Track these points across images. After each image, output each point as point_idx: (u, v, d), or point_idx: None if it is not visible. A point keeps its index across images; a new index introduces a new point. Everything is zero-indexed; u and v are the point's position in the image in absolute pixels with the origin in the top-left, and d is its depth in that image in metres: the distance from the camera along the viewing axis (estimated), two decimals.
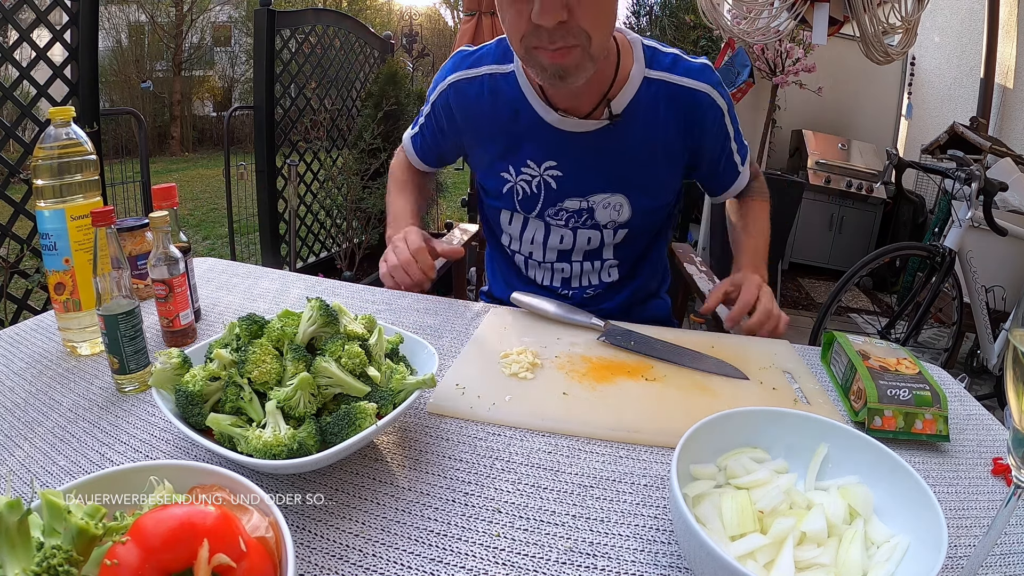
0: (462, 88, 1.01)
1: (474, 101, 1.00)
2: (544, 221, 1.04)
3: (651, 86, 0.95)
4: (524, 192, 1.02)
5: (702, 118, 0.97)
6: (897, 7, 2.01)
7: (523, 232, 1.08)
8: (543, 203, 1.02)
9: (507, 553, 0.50)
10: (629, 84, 0.95)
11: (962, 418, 0.74)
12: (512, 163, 1.01)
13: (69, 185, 0.73)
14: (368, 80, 3.74)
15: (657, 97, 0.95)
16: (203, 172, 7.66)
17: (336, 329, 0.63)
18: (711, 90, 0.97)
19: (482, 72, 0.99)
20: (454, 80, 1.01)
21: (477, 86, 1.00)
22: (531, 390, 0.72)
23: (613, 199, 1.00)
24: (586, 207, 1.01)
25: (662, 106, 0.96)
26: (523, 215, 1.06)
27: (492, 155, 1.03)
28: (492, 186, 1.07)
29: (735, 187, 1.10)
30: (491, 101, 0.99)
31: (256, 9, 2.91)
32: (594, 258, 1.07)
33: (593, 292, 1.09)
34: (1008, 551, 0.54)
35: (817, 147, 3.95)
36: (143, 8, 9.30)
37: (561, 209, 1.01)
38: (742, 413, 0.57)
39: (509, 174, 1.02)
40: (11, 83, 1.76)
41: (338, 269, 3.48)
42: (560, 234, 1.04)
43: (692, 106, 0.96)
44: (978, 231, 2.36)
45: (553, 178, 0.99)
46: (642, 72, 0.95)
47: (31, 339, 0.82)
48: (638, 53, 0.96)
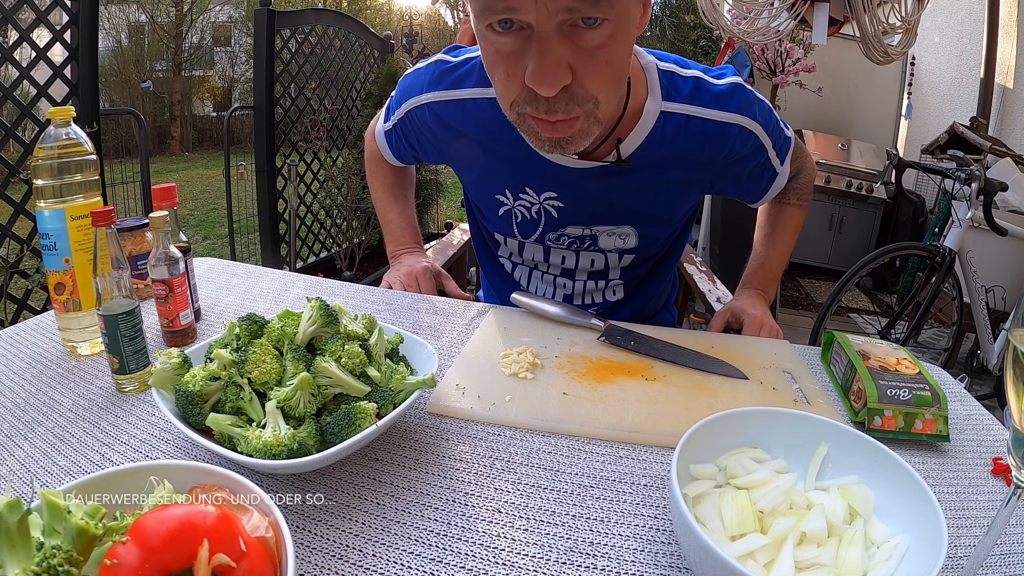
0: (439, 110, 0.88)
1: (457, 124, 0.88)
2: (544, 245, 0.96)
3: (668, 122, 0.82)
4: (523, 216, 0.93)
5: (729, 150, 0.84)
6: (897, 7, 2.01)
7: (522, 252, 1.01)
8: (543, 229, 0.93)
9: (507, 553, 0.50)
10: (642, 122, 0.81)
11: (962, 418, 0.74)
12: (509, 188, 0.91)
13: (69, 185, 0.73)
14: (368, 80, 3.75)
15: (676, 134, 0.82)
16: (203, 172, 7.66)
17: (336, 329, 0.63)
18: (742, 119, 0.82)
19: (464, 96, 0.85)
20: (430, 101, 0.88)
21: (459, 110, 0.86)
22: (531, 390, 0.72)
23: (619, 230, 0.92)
24: (589, 234, 0.93)
25: (681, 143, 0.83)
26: (518, 240, 0.97)
27: (484, 177, 0.93)
28: (486, 207, 0.97)
29: (772, 191, 0.96)
30: (477, 126, 0.86)
31: (256, 9, 2.91)
32: (599, 278, 1.00)
33: (596, 310, 1.03)
34: (1008, 551, 0.54)
35: (817, 147, 3.95)
36: (143, 8, 9.30)
37: (563, 235, 0.93)
38: (742, 413, 0.57)
39: (505, 197, 0.92)
40: (11, 83, 1.76)
41: (338, 269, 3.49)
42: (562, 255, 0.97)
43: (719, 141, 0.83)
44: (978, 231, 2.36)
45: (554, 207, 0.90)
46: (658, 107, 0.81)
47: (31, 339, 0.82)
48: (653, 82, 0.82)
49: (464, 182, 1.04)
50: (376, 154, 1.10)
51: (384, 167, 1.13)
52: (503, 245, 1.03)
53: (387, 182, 1.14)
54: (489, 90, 0.82)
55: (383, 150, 1.07)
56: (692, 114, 0.81)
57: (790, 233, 1.03)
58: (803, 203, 1.04)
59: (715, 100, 0.81)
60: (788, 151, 0.94)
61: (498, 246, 1.05)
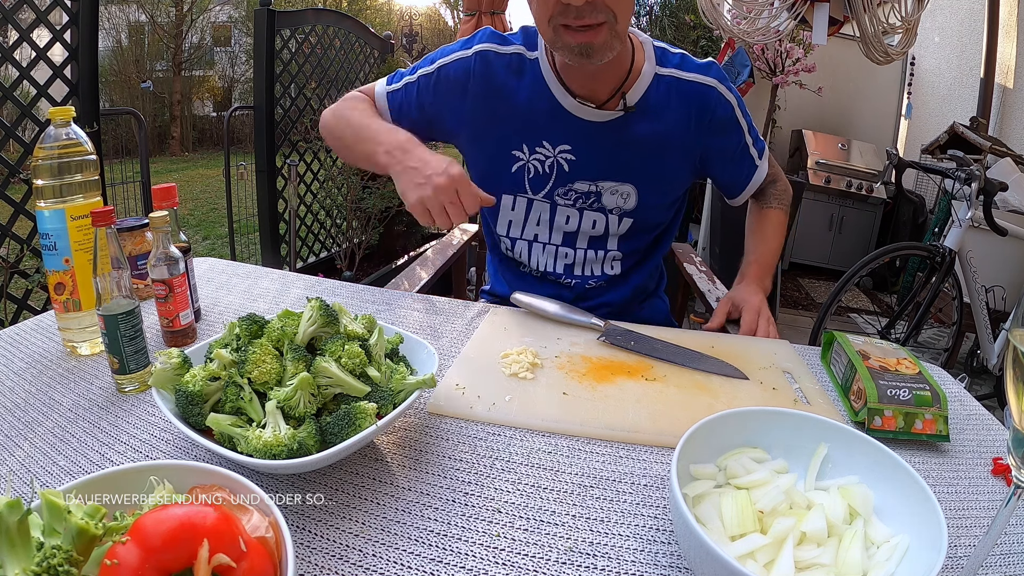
0: (491, 59, 1.01)
1: (500, 74, 1.01)
2: (552, 201, 1.05)
3: (662, 82, 1.00)
4: (536, 171, 1.04)
5: (712, 112, 1.01)
6: (897, 7, 2.01)
7: (528, 215, 1.07)
8: (554, 183, 1.03)
9: (507, 553, 0.50)
10: (642, 79, 0.99)
11: (962, 418, 0.74)
12: (527, 142, 1.02)
13: (69, 185, 0.73)
14: (368, 80, 3.74)
15: (668, 93, 0.99)
16: (203, 172, 7.66)
17: (336, 329, 0.63)
18: (718, 84, 1.01)
19: (511, 51, 1.01)
20: (482, 49, 1.01)
21: (505, 61, 1.01)
22: (531, 390, 0.72)
23: (621, 187, 1.03)
24: (594, 190, 1.03)
25: (673, 101, 0.99)
26: (527, 197, 1.06)
27: (506, 133, 1.03)
28: (498, 169, 1.04)
29: (754, 182, 1.11)
30: (516, 79, 1.01)
31: (256, 9, 2.91)
32: (598, 247, 1.08)
33: (595, 283, 1.10)
34: (1008, 551, 0.54)
35: (817, 147, 3.95)
36: (143, 8, 9.30)
37: (571, 190, 1.03)
38: (742, 413, 0.57)
39: (522, 152, 1.03)
40: (11, 83, 1.76)
41: (338, 269, 3.48)
42: (567, 214, 1.05)
43: (702, 101, 1.00)
44: (978, 231, 2.36)
45: (566, 161, 1.01)
46: (653, 68, 1.00)
47: (31, 339, 0.82)
48: (649, 51, 1.01)
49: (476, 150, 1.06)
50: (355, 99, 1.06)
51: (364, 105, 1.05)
52: (510, 210, 1.06)
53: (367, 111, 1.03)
54: (530, 52, 1.01)
55: (380, 107, 1.06)
56: (681, 77, 1.00)
57: (777, 230, 1.15)
58: (783, 206, 1.18)
59: (698, 68, 1.01)
60: (764, 151, 1.11)
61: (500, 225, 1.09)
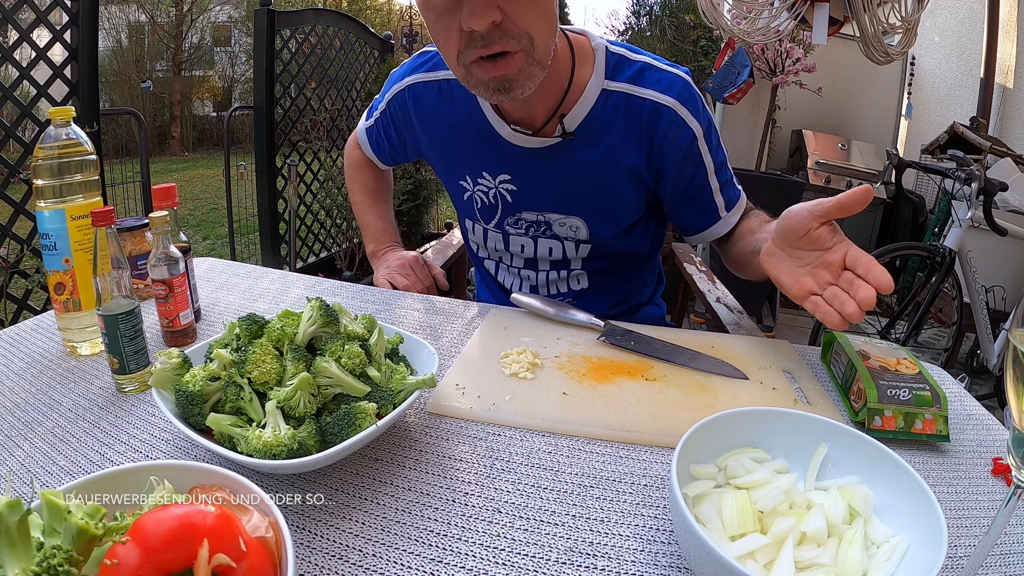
0: (418, 91, 0.97)
1: (431, 106, 0.96)
2: (503, 231, 1.01)
3: (609, 99, 0.86)
4: (483, 202, 0.99)
5: (663, 135, 0.86)
6: (897, 7, 2.01)
7: (486, 240, 1.05)
8: (501, 213, 0.98)
9: (507, 553, 0.50)
10: (585, 97, 0.86)
11: (962, 418, 0.74)
12: (469, 173, 0.97)
13: (69, 185, 0.73)
14: (368, 80, 3.74)
15: (616, 112, 0.86)
16: (203, 172, 7.66)
17: (336, 329, 0.63)
18: (679, 106, 0.85)
19: (439, 77, 0.94)
20: (411, 83, 0.97)
21: (434, 91, 0.95)
22: (531, 390, 0.72)
23: (569, 220, 0.95)
24: (543, 220, 0.97)
25: (621, 121, 0.86)
26: (482, 226, 1.03)
27: (449, 163, 1.00)
28: (453, 193, 1.04)
29: (709, 233, 0.96)
30: (448, 107, 0.94)
31: (256, 9, 2.91)
32: (560, 268, 1.02)
33: (564, 299, 1.04)
34: (1008, 551, 0.53)
35: (817, 147, 3.95)
36: (143, 8, 9.30)
37: (520, 219, 0.98)
38: (742, 413, 0.57)
39: (467, 183, 0.99)
40: (11, 83, 1.76)
41: (338, 269, 3.49)
42: (520, 243, 1.01)
43: (652, 121, 0.86)
44: (978, 231, 2.36)
45: (508, 192, 0.95)
46: (600, 84, 0.86)
47: (31, 339, 0.82)
48: (599, 62, 0.87)
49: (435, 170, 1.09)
50: (356, 159, 1.18)
51: (364, 172, 1.19)
52: (471, 233, 1.08)
53: (367, 187, 1.19)
54: None
55: (364, 147, 1.14)
56: (632, 93, 0.86)
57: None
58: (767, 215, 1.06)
59: (656, 83, 0.86)
60: (737, 202, 0.94)
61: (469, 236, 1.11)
